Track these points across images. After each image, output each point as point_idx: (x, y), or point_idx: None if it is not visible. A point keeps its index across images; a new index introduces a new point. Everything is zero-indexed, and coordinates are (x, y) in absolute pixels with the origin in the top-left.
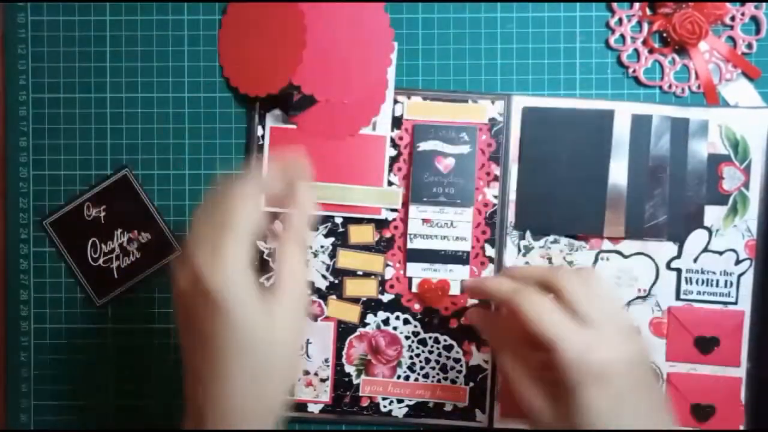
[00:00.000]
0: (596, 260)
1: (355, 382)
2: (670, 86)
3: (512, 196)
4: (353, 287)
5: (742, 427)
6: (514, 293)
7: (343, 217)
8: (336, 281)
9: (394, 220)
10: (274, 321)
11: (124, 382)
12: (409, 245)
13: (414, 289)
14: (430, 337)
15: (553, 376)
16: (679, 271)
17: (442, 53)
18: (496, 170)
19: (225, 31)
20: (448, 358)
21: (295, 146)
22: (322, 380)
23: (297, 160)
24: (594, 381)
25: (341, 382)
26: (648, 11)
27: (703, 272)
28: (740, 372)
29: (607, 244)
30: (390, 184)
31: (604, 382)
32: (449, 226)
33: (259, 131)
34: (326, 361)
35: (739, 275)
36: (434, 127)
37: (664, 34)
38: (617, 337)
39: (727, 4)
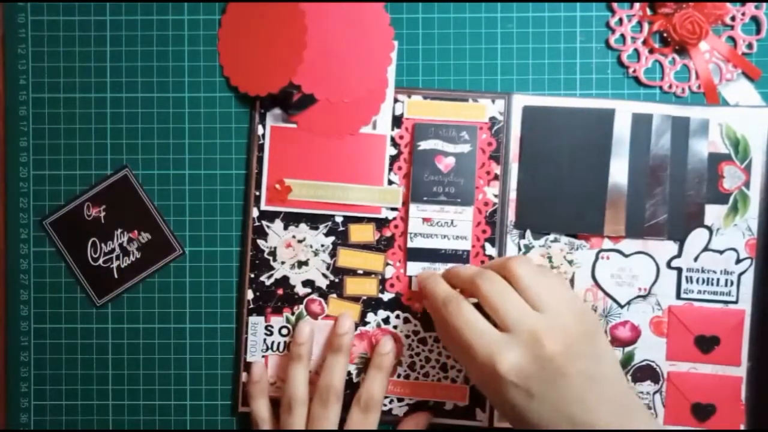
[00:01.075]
0: (596, 259)
1: (355, 380)
2: (670, 86)
3: (512, 195)
4: (353, 286)
5: (742, 427)
6: (442, 304)
7: (344, 216)
8: (336, 280)
9: (395, 219)
10: None
11: (124, 383)
12: (410, 244)
13: (414, 288)
14: (430, 336)
15: None
16: (679, 270)
17: (442, 53)
18: (497, 169)
19: (225, 31)
20: (448, 357)
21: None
22: None
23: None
24: (503, 381)
25: None
26: (648, 11)
27: (703, 271)
28: (741, 371)
29: (607, 243)
30: (390, 183)
31: (511, 382)
32: (449, 225)
33: (260, 131)
34: None
35: (740, 274)
36: (434, 126)
37: (665, 34)
38: (524, 341)
39: (728, 4)
